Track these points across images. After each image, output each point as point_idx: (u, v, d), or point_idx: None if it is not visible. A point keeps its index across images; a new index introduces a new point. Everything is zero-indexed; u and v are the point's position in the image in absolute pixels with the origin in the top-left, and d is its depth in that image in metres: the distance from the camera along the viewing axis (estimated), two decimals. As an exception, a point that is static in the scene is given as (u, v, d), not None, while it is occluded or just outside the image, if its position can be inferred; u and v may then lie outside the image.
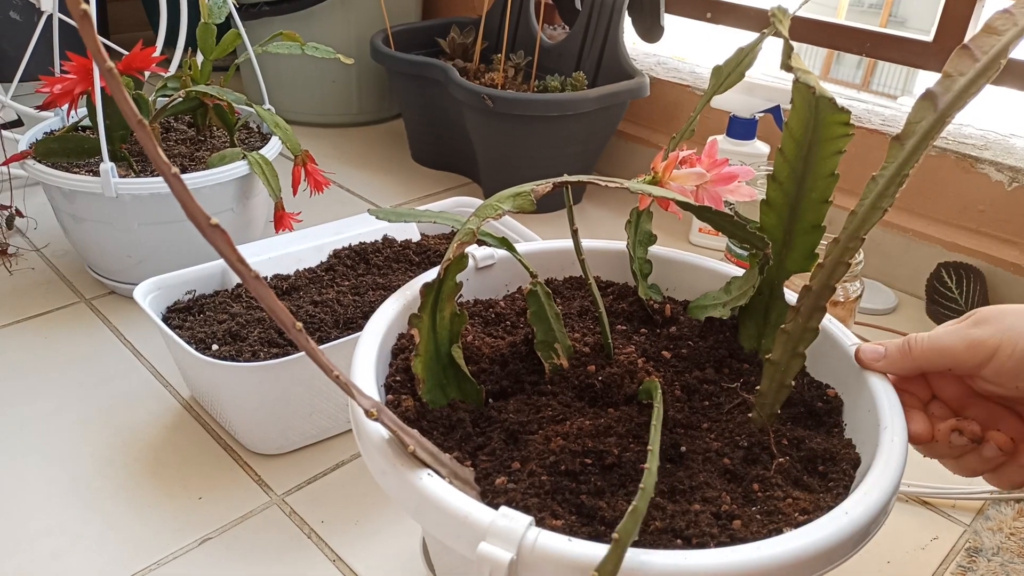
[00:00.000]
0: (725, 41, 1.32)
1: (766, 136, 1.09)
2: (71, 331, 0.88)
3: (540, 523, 0.38)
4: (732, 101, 1.05)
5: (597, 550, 0.35)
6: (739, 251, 1.03)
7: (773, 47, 0.53)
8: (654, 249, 0.60)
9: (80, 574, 0.61)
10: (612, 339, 0.53)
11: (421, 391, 0.47)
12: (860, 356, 0.48)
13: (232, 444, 0.73)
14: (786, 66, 0.45)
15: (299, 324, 0.34)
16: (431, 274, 0.52)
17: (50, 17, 1.02)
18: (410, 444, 0.39)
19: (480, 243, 0.52)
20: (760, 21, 1.21)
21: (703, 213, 0.47)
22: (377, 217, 0.52)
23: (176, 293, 0.76)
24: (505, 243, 0.52)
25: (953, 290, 0.96)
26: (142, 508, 0.67)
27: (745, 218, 0.50)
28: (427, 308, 0.46)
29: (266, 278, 0.78)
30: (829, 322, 0.51)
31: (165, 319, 0.74)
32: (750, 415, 0.47)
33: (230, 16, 0.97)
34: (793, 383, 0.46)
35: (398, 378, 0.50)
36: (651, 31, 1.22)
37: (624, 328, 0.56)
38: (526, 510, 0.39)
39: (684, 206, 0.47)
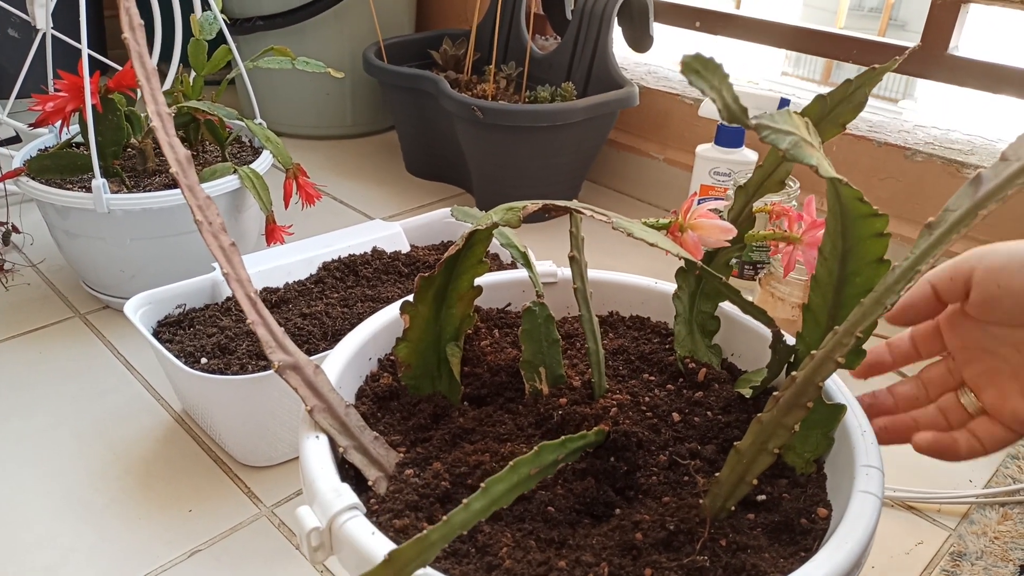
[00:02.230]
0: (715, 50, 1.33)
1: (754, 144, 1.09)
2: (66, 346, 0.89)
3: (404, 523, 0.40)
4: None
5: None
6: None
7: (767, 56, 0.53)
8: (727, 307, 0.55)
9: (71, 587, 0.61)
10: (613, 384, 0.52)
11: (402, 375, 0.50)
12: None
13: (222, 456, 0.74)
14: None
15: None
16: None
17: (44, 34, 1.03)
18: (309, 405, 0.43)
19: (508, 266, 0.53)
20: (749, 30, 1.22)
21: (708, 275, 0.45)
22: (457, 219, 0.56)
23: (166, 307, 0.77)
24: (524, 258, 0.53)
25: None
26: (133, 520, 0.67)
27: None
28: (425, 299, 0.48)
29: (255, 291, 0.79)
30: (861, 435, 0.45)
31: (155, 333, 0.75)
32: (701, 501, 0.42)
33: (222, 32, 0.98)
34: (755, 482, 0.41)
35: (393, 358, 0.52)
36: (640, 41, 1.23)
37: (651, 379, 0.53)
38: (404, 506, 0.41)
39: (691, 265, 0.44)
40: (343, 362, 0.50)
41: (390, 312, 0.55)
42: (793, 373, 0.39)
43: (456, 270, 0.49)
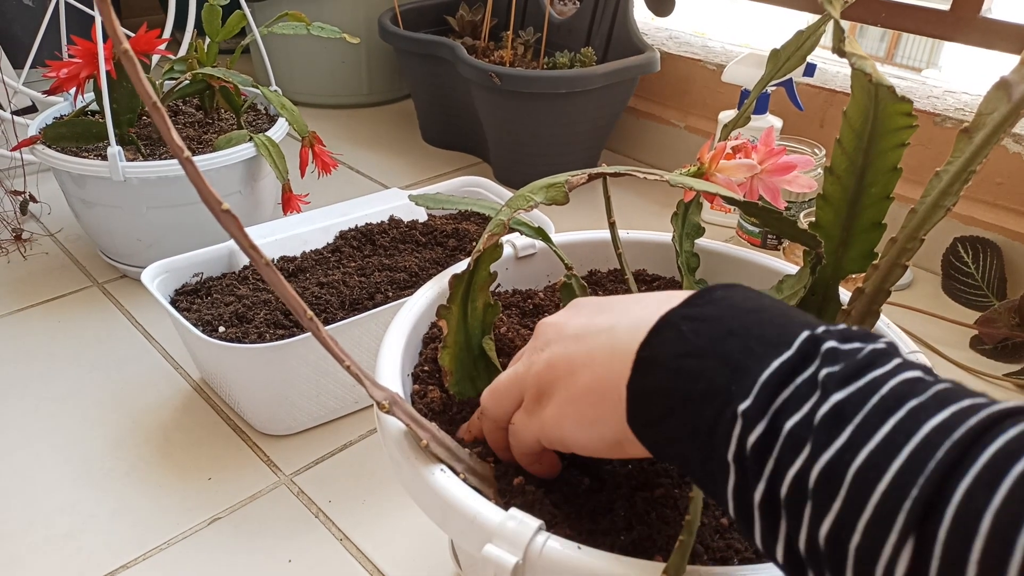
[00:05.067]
0: (739, 14, 1.30)
1: (778, 110, 1.07)
2: (84, 315, 0.89)
3: (553, 527, 0.37)
4: (744, 75, 1.03)
5: (607, 560, 0.33)
6: (750, 228, 1.02)
7: (791, 20, 0.52)
8: (702, 242, 0.58)
9: (92, 553, 0.62)
10: None
11: (448, 383, 0.47)
12: None
13: (241, 425, 0.74)
14: (839, 51, 0.42)
15: (311, 313, 0.34)
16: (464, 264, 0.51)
17: (58, 1, 1.02)
18: (424, 439, 0.39)
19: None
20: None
21: (750, 209, 0.45)
22: (416, 203, 0.54)
23: (184, 276, 0.76)
24: (541, 233, 0.51)
25: (969, 265, 0.94)
26: (153, 488, 0.68)
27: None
28: (457, 299, 0.45)
29: (272, 260, 0.78)
30: (886, 327, 0.49)
31: (173, 302, 0.74)
32: None
33: (235, -3, 0.96)
34: None
35: (426, 368, 0.49)
36: (662, 5, 1.20)
37: None
38: (541, 512, 0.38)
39: (730, 201, 0.44)
40: (399, 385, 0.46)
41: (406, 321, 0.51)
42: (860, 286, 0.42)
43: (479, 260, 0.47)
